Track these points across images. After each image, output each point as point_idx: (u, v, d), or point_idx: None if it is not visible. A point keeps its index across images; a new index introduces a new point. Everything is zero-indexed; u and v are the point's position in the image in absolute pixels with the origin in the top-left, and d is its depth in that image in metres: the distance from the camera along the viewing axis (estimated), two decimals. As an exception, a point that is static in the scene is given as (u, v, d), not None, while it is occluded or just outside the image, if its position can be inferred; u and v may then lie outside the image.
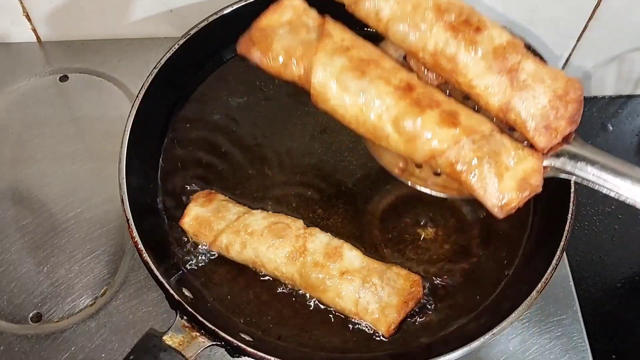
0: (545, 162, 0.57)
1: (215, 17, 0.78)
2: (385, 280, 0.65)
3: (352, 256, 0.66)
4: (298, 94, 0.79)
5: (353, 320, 0.66)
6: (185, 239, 0.70)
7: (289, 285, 0.68)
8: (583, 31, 0.99)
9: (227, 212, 0.69)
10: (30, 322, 0.70)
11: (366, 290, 0.64)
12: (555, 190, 0.72)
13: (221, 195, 0.72)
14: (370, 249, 0.70)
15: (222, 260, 0.69)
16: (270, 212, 0.70)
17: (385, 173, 0.75)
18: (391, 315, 0.63)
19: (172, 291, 0.60)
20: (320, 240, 0.67)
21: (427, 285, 0.68)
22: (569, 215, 0.66)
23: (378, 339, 0.65)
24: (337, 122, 0.80)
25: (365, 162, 0.76)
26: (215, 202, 0.70)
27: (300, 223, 0.68)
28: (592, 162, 0.54)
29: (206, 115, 0.79)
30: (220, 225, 0.68)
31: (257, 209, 0.71)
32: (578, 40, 1.01)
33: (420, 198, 0.74)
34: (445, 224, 0.72)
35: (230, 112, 0.80)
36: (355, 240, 0.69)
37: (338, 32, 0.59)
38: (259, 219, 0.68)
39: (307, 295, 0.67)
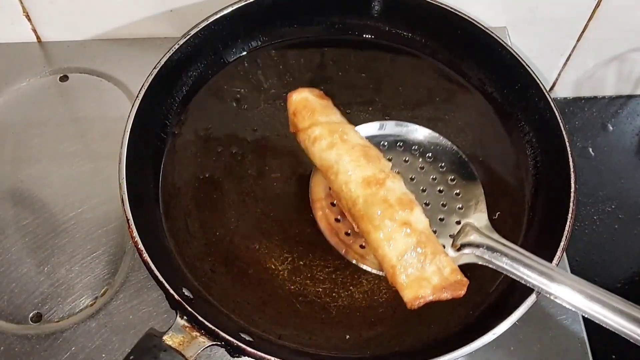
0: (466, 250, 0.64)
1: (215, 17, 0.78)
2: (437, 259, 0.61)
3: (420, 218, 0.62)
4: (298, 94, 0.80)
5: (380, 275, 0.64)
6: (186, 239, 0.70)
7: (346, 210, 0.66)
8: (583, 31, 0.99)
9: (333, 114, 0.68)
10: (31, 322, 0.70)
11: (415, 253, 0.60)
12: (555, 190, 0.72)
13: (332, 102, 0.71)
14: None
15: (223, 260, 0.69)
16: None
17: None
18: (425, 290, 0.59)
19: (172, 291, 0.60)
20: (400, 187, 0.64)
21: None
22: (569, 215, 0.66)
23: (378, 338, 0.65)
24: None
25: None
26: (327, 101, 0.70)
27: (389, 165, 0.66)
28: (505, 255, 0.61)
29: (206, 115, 0.79)
30: (322, 118, 0.67)
31: (259, 208, 0.71)
32: (578, 40, 1.01)
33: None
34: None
35: (231, 112, 0.80)
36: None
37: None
38: (357, 137, 0.67)
39: (311, 290, 0.67)
